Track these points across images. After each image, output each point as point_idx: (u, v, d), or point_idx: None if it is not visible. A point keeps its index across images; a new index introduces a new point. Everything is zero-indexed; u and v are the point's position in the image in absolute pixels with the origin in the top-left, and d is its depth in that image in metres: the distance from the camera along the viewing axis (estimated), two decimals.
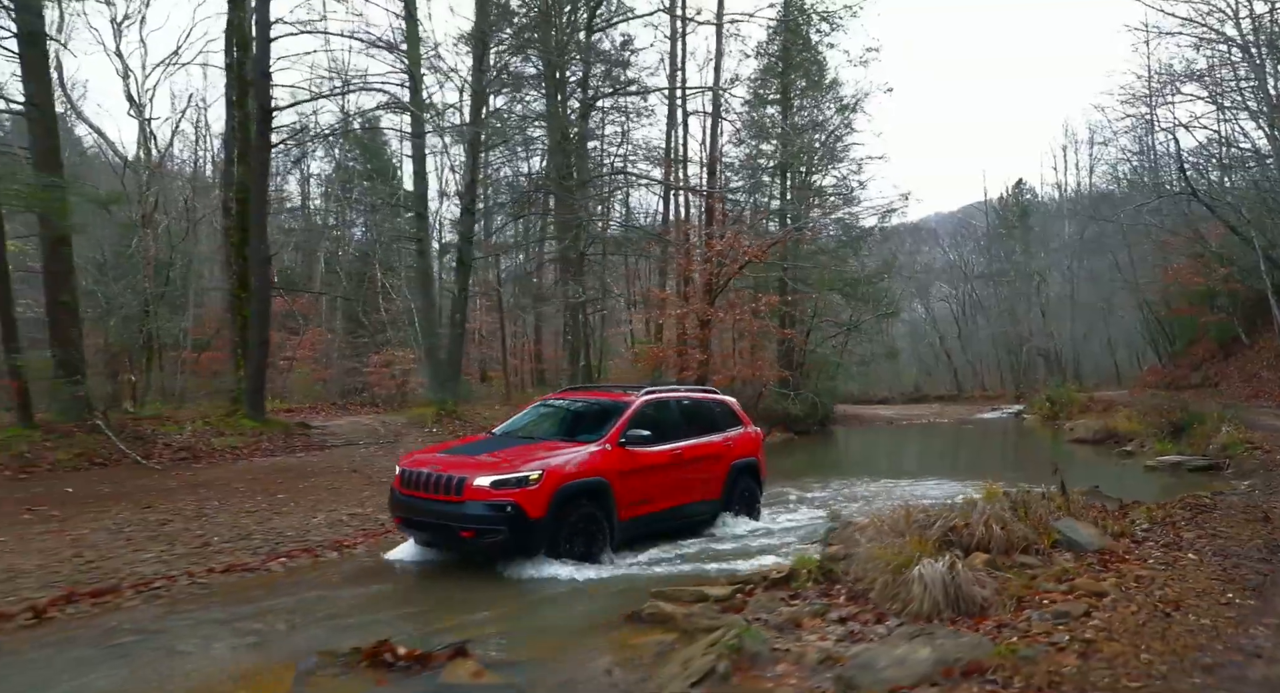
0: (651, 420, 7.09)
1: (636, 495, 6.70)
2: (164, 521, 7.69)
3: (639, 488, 6.74)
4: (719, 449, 7.79)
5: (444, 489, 5.97)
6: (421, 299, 17.59)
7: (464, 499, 5.84)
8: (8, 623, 4.67)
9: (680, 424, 7.52)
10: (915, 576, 4.19)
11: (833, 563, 5.15)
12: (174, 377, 21.19)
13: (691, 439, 7.50)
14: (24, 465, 9.76)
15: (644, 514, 6.79)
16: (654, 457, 6.94)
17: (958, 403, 45.56)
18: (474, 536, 5.85)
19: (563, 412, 7.71)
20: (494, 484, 5.83)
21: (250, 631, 4.69)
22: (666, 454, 7.10)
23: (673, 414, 7.57)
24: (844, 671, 3.30)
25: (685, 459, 7.31)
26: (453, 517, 5.88)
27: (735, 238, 15.66)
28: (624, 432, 6.73)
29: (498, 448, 6.67)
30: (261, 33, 13.05)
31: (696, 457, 7.46)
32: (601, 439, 6.66)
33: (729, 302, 16.83)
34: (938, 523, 5.03)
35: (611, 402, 7.34)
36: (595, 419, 7.12)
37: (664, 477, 7.04)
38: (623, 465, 6.61)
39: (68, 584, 5.43)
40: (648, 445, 6.82)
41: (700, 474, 7.49)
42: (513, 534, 5.78)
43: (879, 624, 4.04)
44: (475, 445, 7.09)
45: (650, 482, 6.89)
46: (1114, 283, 38.01)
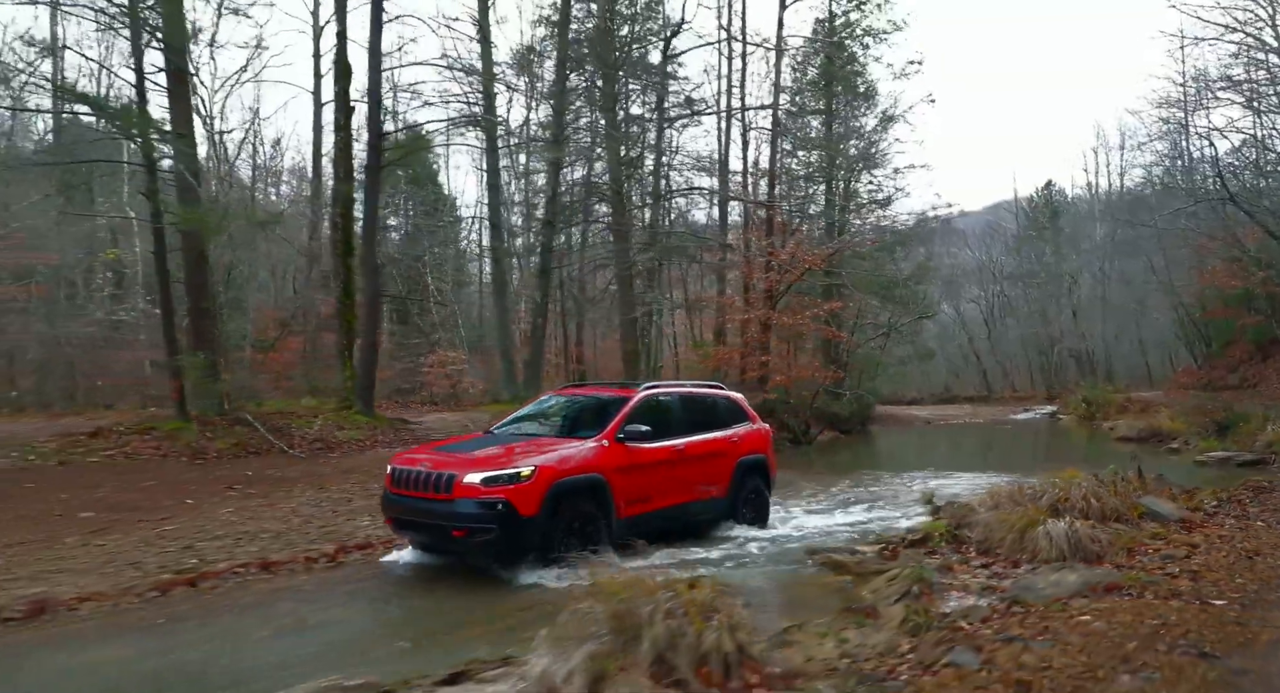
0: (652, 416, 6.96)
1: (636, 493, 6.56)
2: (346, 498, 9.01)
3: (638, 485, 6.60)
4: (724, 446, 7.64)
5: (434, 487, 5.83)
6: (498, 305, 18.86)
7: (454, 497, 5.70)
8: (315, 565, 5.98)
9: (683, 420, 7.39)
10: (1042, 532, 5.36)
11: (955, 529, 6.31)
12: (240, 375, 22.78)
13: (695, 436, 7.33)
14: (195, 453, 11.15)
15: (645, 512, 6.64)
16: (654, 453, 6.79)
17: (987, 404, 46.16)
18: (465, 534, 5.71)
19: (562, 408, 7.61)
20: (485, 481, 5.69)
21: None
22: (667, 451, 6.95)
23: (675, 410, 7.44)
24: (1009, 593, 4.46)
25: (688, 456, 7.15)
26: (443, 515, 5.76)
27: (797, 247, 16.82)
28: (622, 427, 6.59)
29: (491, 444, 6.57)
30: (374, 65, 14.41)
31: (700, 454, 7.30)
32: (599, 435, 6.51)
33: (789, 307, 17.96)
34: (1045, 496, 6.18)
35: (610, 397, 7.21)
36: (594, 415, 7.00)
37: (665, 474, 6.89)
38: (621, 462, 6.46)
39: (333, 541, 6.74)
40: (648, 441, 6.67)
41: (704, 472, 7.34)
42: (504, 533, 5.63)
43: (1015, 568, 5.20)
44: (469, 443, 7.02)
45: (650, 479, 6.74)
46: (1147, 285, 38.65)
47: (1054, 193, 56.36)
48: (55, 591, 5.15)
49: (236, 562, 6.01)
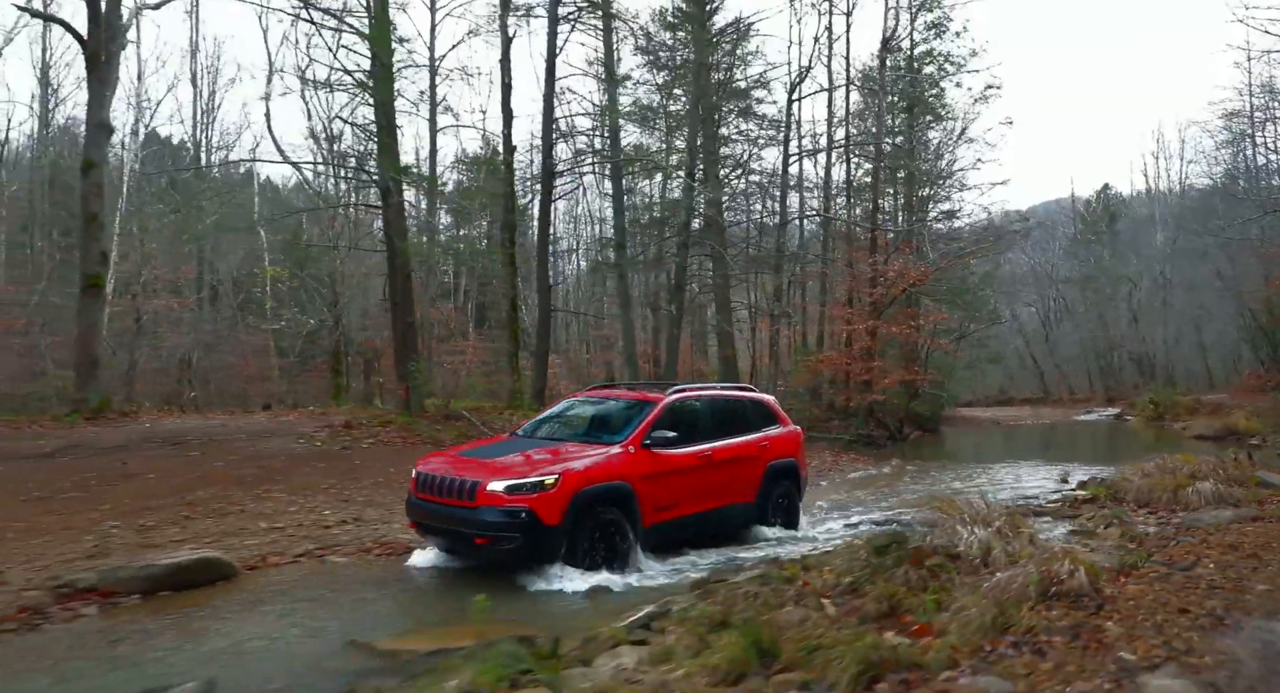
0: (679, 421, 6.99)
1: (662, 500, 6.58)
2: None
3: (665, 492, 6.61)
4: (753, 450, 7.67)
5: (458, 494, 5.92)
6: (624, 317, 21.38)
7: (478, 505, 5.78)
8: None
9: (711, 424, 7.42)
10: (1192, 490, 7.67)
11: (1112, 493, 8.63)
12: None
13: (723, 440, 7.37)
14: (435, 441, 13.81)
15: (671, 519, 6.68)
16: (681, 459, 6.82)
17: (1043, 406, 47.60)
18: (488, 542, 5.80)
19: (588, 412, 7.63)
20: (508, 489, 5.77)
21: None
22: (695, 456, 6.98)
23: (702, 414, 7.46)
24: (1181, 524, 6.76)
25: (715, 461, 7.18)
26: (467, 522, 5.83)
27: (904, 266, 19.18)
28: (648, 433, 6.62)
29: (515, 451, 6.64)
30: (547, 113, 17.05)
31: (728, 458, 7.33)
32: (625, 441, 6.55)
33: (891, 317, 20.30)
34: (1185, 467, 8.47)
35: (637, 402, 7.21)
36: (620, 420, 7.01)
37: (692, 480, 6.92)
38: (647, 468, 6.49)
39: None
40: (674, 447, 6.72)
41: (732, 477, 7.36)
42: (528, 541, 5.70)
43: (1173, 514, 7.48)
44: (494, 448, 7.13)
45: (677, 485, 6.75)
46: (1211, 290, 39.97)
47: (1110, 197, 57.54)
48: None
49: None
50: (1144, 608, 3.83)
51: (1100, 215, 56.09)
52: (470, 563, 6.35)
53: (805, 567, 5.02)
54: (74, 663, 4.36)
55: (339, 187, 23.15)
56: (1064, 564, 4.06)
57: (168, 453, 11.38)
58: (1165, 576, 4.49)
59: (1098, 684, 2.97)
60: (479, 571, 6.25)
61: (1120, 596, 4.02)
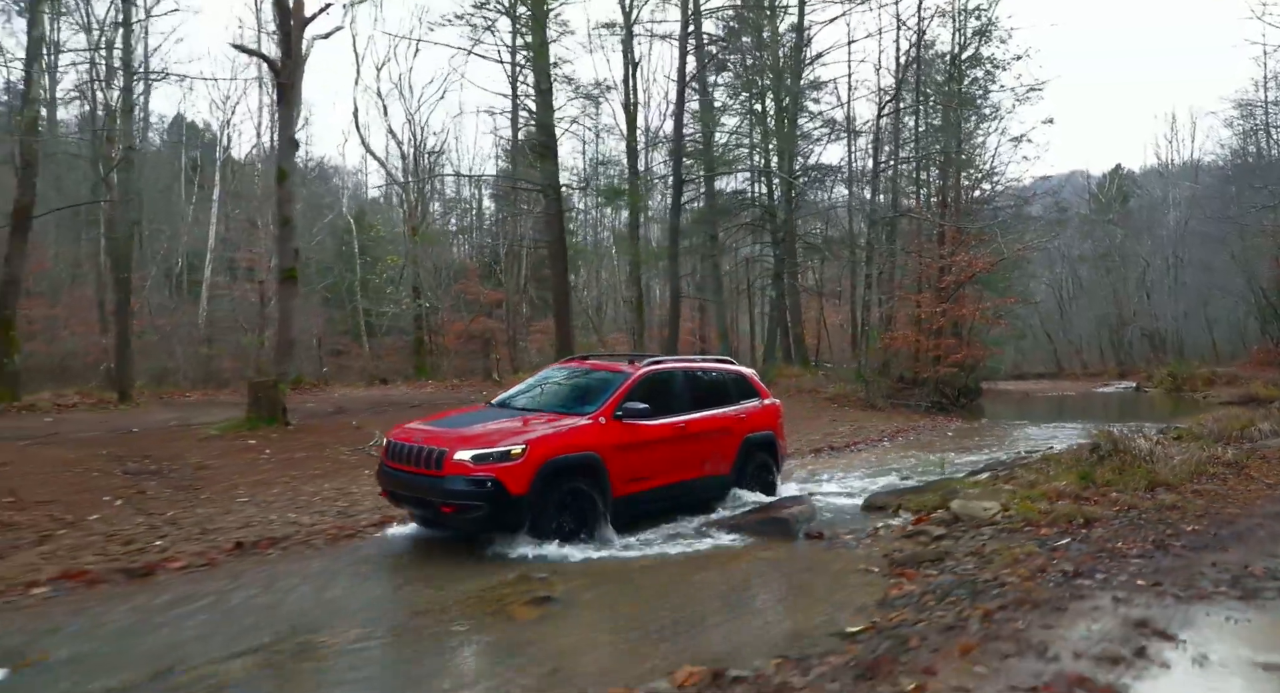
0: (654, 393, 7.13)
1: (634, 471, 6.74)
2: None
3: (637, 463, 6.77)
4: (729, 423, 7.86)
5: (425, 463, 6.09)
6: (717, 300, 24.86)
7: (444, 474, 5.94)
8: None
9: (688, 396, 7.61)
10: (1255, 429, 11.36)
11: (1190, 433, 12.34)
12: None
13: (699, 412, 7.57)
14: None
15: (643, 490, 6.84)
16: (654, 430, 6.97)
17: (1058, 380, 51.41)
18: (454, 511, 5.98)
19: (564, 382, 7.80)
20: (475, 459, 5.92)
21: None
22: (668, 428, 7.14)
23: (678, 386, 7.61)
24: (1252, 447, 10.43)
25: (690, 433, 7.35)
26: (433, 491, 6.02)
27: (970, 257, 22.82)
28: (620, 404, 6.76)
29: (486, 420, 6.78)
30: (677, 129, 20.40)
31: (703, 430, 7.53)
32: (596, 412, 6.69)
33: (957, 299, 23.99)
34: (1244, 417, 12.19)
35: (612, 373, 7.38)
36: (594, 391, 7.15)
37: (665, 451, 7.09)
38: (618, 439, 6.64)
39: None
40: (647, 418, 6.84)
41: (707, 448, 7.56)
42: (493, 510, 5.87)
43: (1245, 442, 11.16)
44: (465, 417, 7.28)
45: (650, 457, 6.91)
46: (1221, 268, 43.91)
47: (1123, 177, 61.27)
48: None
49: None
50: (1263, 470, 7.51)
51: (1114, 195, 59.62)
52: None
53: (1046, 460, 8.68)
54: None
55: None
56: (1220, 451, 7.73)
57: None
58: (1265, 460, 8.18)
59: (1256, 489, 6.62)
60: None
61: (1249, 467, 7.70)
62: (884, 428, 16.95)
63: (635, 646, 4.19)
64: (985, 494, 7.19)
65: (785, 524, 6.61)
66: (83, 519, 7.25)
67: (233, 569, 5.87)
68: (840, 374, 25.56)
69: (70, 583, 5.36)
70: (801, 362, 27.82)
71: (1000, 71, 27.71)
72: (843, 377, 25.26)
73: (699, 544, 6.52)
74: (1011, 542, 5.39)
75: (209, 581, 5.58)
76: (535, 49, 18.92)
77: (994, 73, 28.00)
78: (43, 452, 9.83)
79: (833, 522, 7.14)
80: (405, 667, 4.04)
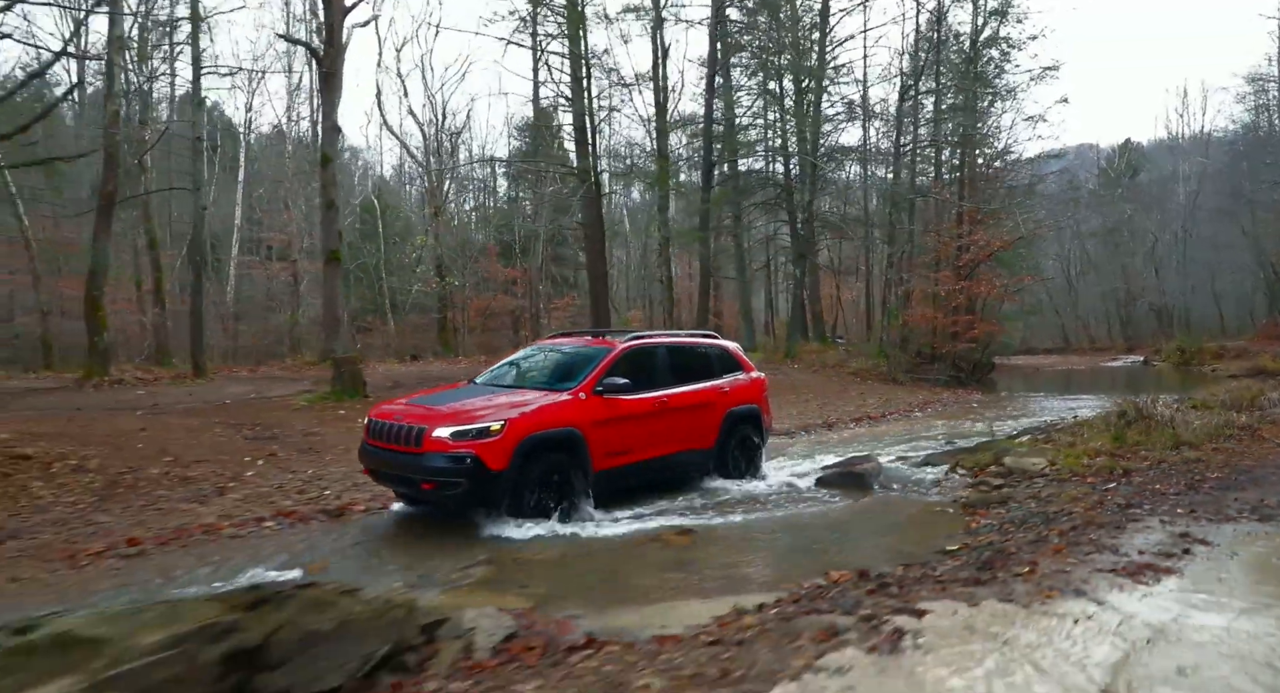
0: (636, 368, 7.31)
1: (615, 446, 6.88)
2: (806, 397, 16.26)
3: (617, 438, 6.92)
4: (712, 396, 8.01)
5: (405, 440, 6.23)
6: (741, 277, 25.90)
7: (424, 451, 6.07)
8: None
9: (669, 371, 7.74)
10: (1265, 398, 12.52)
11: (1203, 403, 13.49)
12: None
13: (681, 386, 7.70)
14: None
15: (624, 465, 6.99)
16: (635, 405, 7.11)
17: (1066, 355, 52.43)
18: (434, 488, 6.13)
19: (546, 359, 7.96)
20: (453, 436, 6.04)
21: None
22: (649, 402, 7.27)
23: (660, 361, 7.74)
24: (1263, 414, 11.58)
25: (671, 407, 7.49)
26: (413, 468, 6.16)
27: (990, 235, 23.85)
28: (600, 379, 6.93)
29: (466, 398, 6.90)
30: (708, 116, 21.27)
31: (685, 404, 7.66)
32: (576, 388, 6.85)
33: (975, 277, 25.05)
34: (1256, 388, 13.32)
35: (593, 348, 7.52)
36: (576, 366, 7.30)
37: (647, 426, 7.22)
38: (598, 415, 6.79)
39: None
40: (628, 393, 7.01)
41: (689, 423, 7.69)
42: (473, 487, 6.00)
43: (1256, 410, 12.30)
44: (446, 395, 7.38)
45: (630, 431, 7.06)
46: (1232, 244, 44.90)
47: (1132, 150, 61.89)
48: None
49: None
50: (1274, 432, 8.67)
51: (1123, 170, 60.23)
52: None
53: (1078, 425, 9.82)
54: None
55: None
56: (1235, 416, 8.88)
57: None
58: (1275, 424, 9.33)
59: (1268, 447, 7.76)
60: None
61: (1261, 430, 8.85)
62: (910, 400, 18.12)
63: (778, 563, 5.36)
64: (1031, 452, 8.34)
65: (862, 478, 7.76)
66: (241, 475, 8.41)
67: (401, 512, 7.04)
68: (862, 350, 26.68)
69: (288, 520, 6.52)
70: (820, 338, 28.96)
71: (1016, 52, 28.53)
72: (864, 352, 26.40)
73: (789, 503, 7.32)
74: (1064, 488, 6.55)
75: (389, 521, 6.76)
76: (571, 39, 19.76)
77: (1009, 53, 28.84)
78: (166, 420, 10.97)
79: (899, 477, 8.29)
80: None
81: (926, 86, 26.56)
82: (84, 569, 5.39)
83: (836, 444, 11.23)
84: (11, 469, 7.60)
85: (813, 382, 20.51)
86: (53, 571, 5.37)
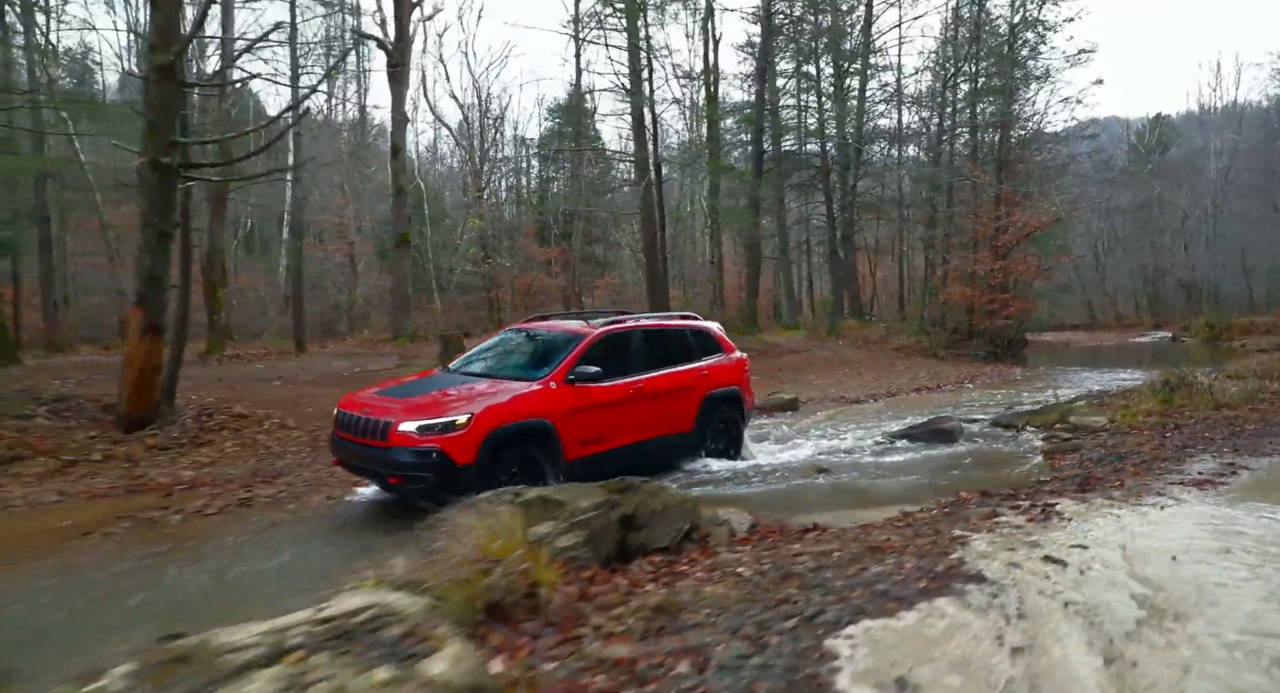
0: (609, 353, 7.34)
1: (588, 434, 6.91)
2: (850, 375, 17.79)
3: (590, 426, 6.94)
4: (690, 379, 8.03)
5: (371, 434, 6.24)
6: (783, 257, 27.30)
7: (390, 445, 6.09)
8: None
9: (645, 355, 7.75)
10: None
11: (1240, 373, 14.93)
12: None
13: (657, 371, 7.72)
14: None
15: (598, 452, 7.00)
16: (608, 392, 7.14)
17: (1093, 331, 53.43)
18: (401, 482, 6.18)
19: (519, 346, 7.96)
20: (420, 429, 6.07)
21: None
22: (624, 389, 7.31)
23: (636, 346, 7.75)
24: None
25: (647, 393, 7.52)
26: (380, 462, 6.19)
27: (1028, 217, 25.20)
28: (572, 368, 6.95)
29: (435, 388, 6.93)
30: (759, 105, 22.53)
31: (662, 389, 7.69)
32: (547, 377, 6.88)
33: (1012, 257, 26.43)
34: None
35: (565, 335, 7.51)
36: (548, 354, 7.33)
37: (622, 412, 7.26)
38: (570, 404, 6.81)
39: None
40: (600, 381, 7.04)
41: (667, 407, 7.72)
42: (439, 481, 5.98)
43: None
44: (415, 385, 7.40)
45: (605, 419, 7.09)
46: (1263, 219, 45.73)
47: (1163, 125, 62.30)
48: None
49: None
50: None
51: (1154, 145, 60.65)
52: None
53: (1126, 392, 11.34)
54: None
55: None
56: (1267, 384, 10.37)
57: None
58: None
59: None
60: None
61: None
62: (958, 374, 19.62)
63: (906, 492, 6.94)
64: (1091, 413, 9.87)
65: (949, 434, 9.33)
66: None
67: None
68: (902, 327, 28.13)
69: None
70: (858, 316, 30.43)
71: (1052, 34, 29.56)
72: (904, 329, 27.84)
73: (892, 453, 8.86)
74: (1126, 438, 8.09)
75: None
76: (629, 33, 21.07)
77: (1045, 36, 29.88)
78: (304, 390, 12.64)
79: (977, 434, 9.85)
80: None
81: (965, 71, 27.73)
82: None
83: (904, 410, 12.77)
84: (239, 425, 9.29)
85: (860, 357, 22.03)
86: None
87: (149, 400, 8.30)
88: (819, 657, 2.60)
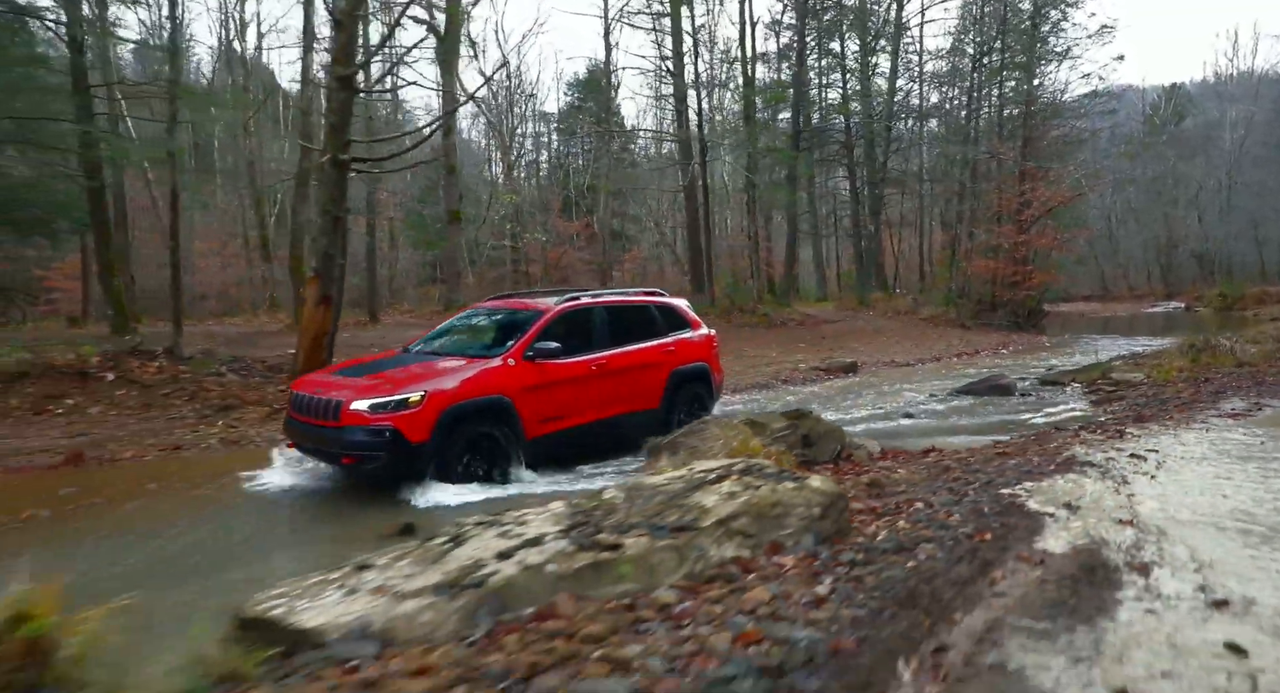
0: (571, 331, 7.36)
1: (548, 412, 6.95)
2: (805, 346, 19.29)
3: (551, 403, 6.97)
4: (656, 356, 8.07)
5: (323, 414, 6.27)
6: (814, 232, 28.65)
7: (342, 424, 6.11)
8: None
9: (609, 332, 7.76)
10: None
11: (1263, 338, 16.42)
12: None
13: (621, 347, 7.75)
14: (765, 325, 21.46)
15: (560, 430, 7.04)
16: (569, 369, 7.17)
17: (1106, 301, 54.63)
18: (354, 462, 6.18)
19: (480, 323, 8.00)
20: (372, 408, 6.10)
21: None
22: (586, 365, 7.34)
23: (598, 322, 7.76)
24: None
25: (611, 369, 7.55)
26: (333, 442, 6.19)
27: (1050, 193, 26.59)
28: (531, 345, 6.96)
29: (390, 367, 6.94)
30: (798, 89, 23.79)
31: (625, 366, 7.71)
32: (505, 354, 6.88)
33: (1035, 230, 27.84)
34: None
35: (525, 312, 7.53)
36: (508, 331, 7.37)
37: (584, 390, 7.30)
38: (529, 381, 6.83)
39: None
40: (563, 357, 7.06)
41: (631, 384, 7.75)
42: (393, 460, 6.06)
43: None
44: (370, 365, 7.37)
45: (566, 396, 7.13)
46: (1277, 192, 46.84)
47: (1179, 95, 63.00)
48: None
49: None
50: None
51: (1169, 116, 61.35)
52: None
53: (1156, 354, 12.84)
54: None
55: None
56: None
57: None
58: None
59: None
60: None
61: None
62: (989, 342, 21.13)
63: (990, 427, 8.46)
64: (1129, 370, 11.38)
65: (1006, 388, 10.86)
66: None
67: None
68: (929, 298, 29.60)
69: None
70: (884, 288, 31.91)
71: (1075, 10, 30.69)
72: (929, 301, 29.31)
73: (960, 402, 10.62)
74: (1164, 389, 9.61)
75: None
76: (673, 18, 22.27)
77: (1067, 13, 31.00)
78: None
79: (1028, 389, 11.38)
80: None
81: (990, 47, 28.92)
82: None
83: (952, 372, 14.30)
84: None
85: (893, 327, 23.52)
86: None
87: (319, 360, 9.79)
88: (1007, 497, 4.13)
